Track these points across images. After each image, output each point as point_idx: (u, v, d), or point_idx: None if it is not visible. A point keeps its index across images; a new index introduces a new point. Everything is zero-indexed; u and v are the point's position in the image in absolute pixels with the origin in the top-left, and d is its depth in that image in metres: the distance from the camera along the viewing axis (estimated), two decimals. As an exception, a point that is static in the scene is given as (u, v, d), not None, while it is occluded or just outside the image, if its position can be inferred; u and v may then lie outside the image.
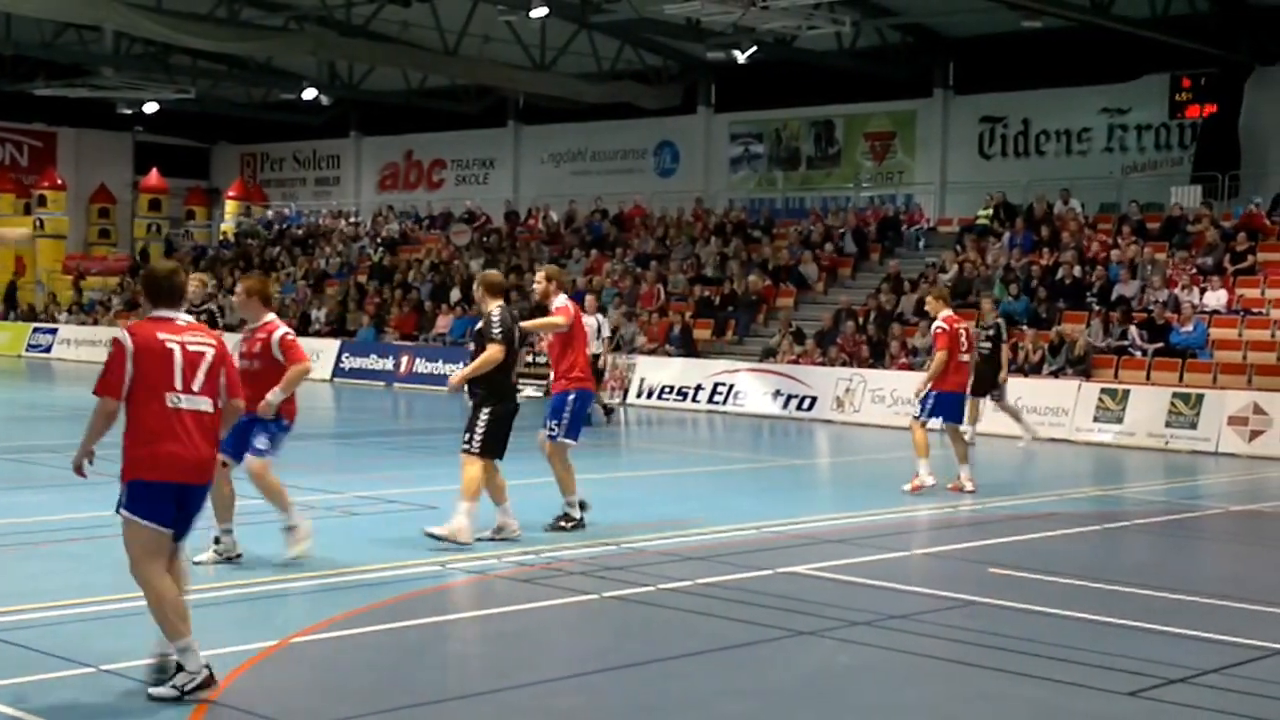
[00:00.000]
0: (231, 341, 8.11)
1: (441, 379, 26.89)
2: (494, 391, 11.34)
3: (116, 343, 6.94)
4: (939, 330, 15.43)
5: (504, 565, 10.59)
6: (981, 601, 9.82)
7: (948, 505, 14.58)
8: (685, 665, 7.91)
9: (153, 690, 6.88)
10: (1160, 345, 24.09)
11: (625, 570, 10.49)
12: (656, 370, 27.93)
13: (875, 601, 9.75)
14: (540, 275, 12.43)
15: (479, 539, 11.16)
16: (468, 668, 7.77)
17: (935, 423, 15.49)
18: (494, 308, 11.33)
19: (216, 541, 10.12)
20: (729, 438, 22.99)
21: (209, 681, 6.87)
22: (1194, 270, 26.13)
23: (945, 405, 15.44)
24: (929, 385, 15.37)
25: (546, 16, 32.42)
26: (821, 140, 37.41)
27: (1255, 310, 24.87)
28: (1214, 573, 12.20)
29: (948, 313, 15.59)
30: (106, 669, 7.30)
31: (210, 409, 7.05)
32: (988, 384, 20.29)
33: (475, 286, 12.46)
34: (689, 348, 28.97)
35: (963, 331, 15.67)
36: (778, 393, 25.94)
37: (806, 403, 25.60)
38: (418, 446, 20.25)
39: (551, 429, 12.01)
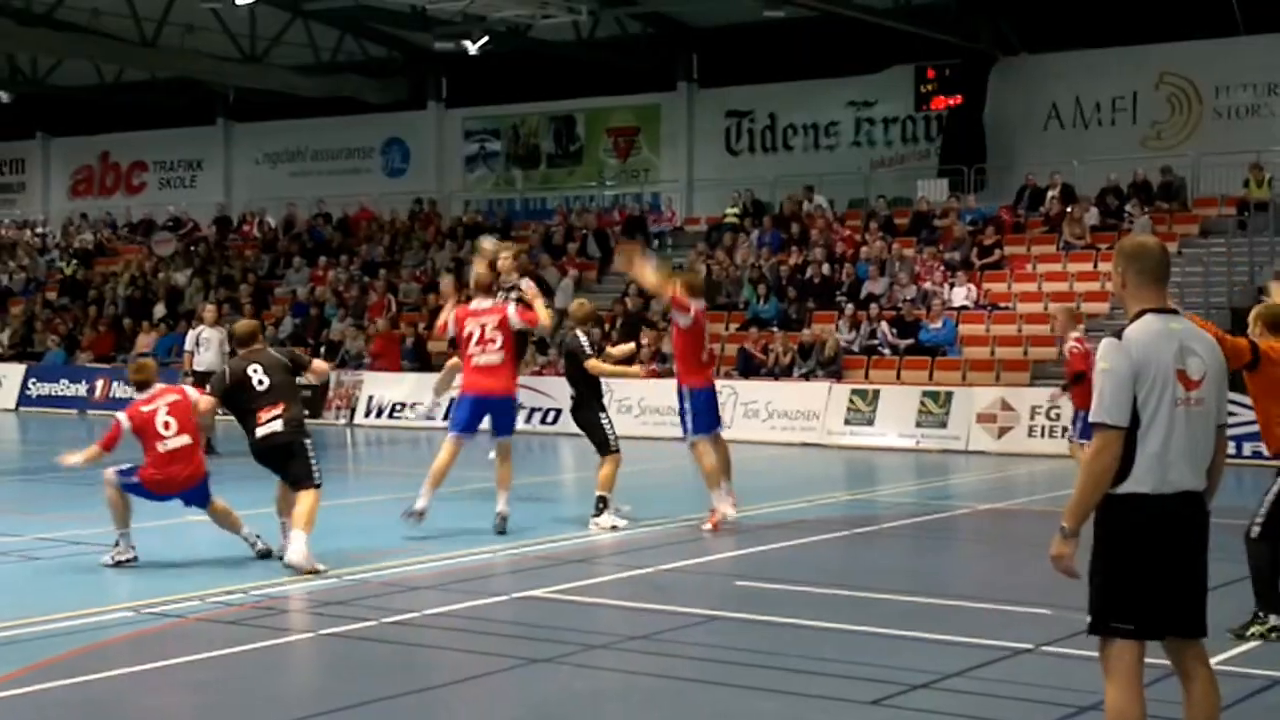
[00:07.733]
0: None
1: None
2: None
3: None
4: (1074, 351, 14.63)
5: (207, 607, 10.30)
6: (725, 616, 10.02)
7: (695, 518, 14.77)
8: (407, 704, 7.83)
9: None
10: (910, 343, 24.98)
11: (346, 604, 10.35)
12: (387, 386, 27.64)
13: (615, 623, 9.85)
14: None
15: None
16: (164, 720, 7.56)
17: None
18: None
19: None
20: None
21: None
22: (941, 266, 27.17)
23: None
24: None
25: (256, 3, 31.84)
26: (562, 137, 37.61)
27: (1002, 305, 25.99)
28: (960, 574, 12.70)
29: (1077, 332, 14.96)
30: None
31: None
32: None
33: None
34: (423, 361, 28.73)
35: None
36: (520, 406, 25.93)
37: (551, 415, 25.68)
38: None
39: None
